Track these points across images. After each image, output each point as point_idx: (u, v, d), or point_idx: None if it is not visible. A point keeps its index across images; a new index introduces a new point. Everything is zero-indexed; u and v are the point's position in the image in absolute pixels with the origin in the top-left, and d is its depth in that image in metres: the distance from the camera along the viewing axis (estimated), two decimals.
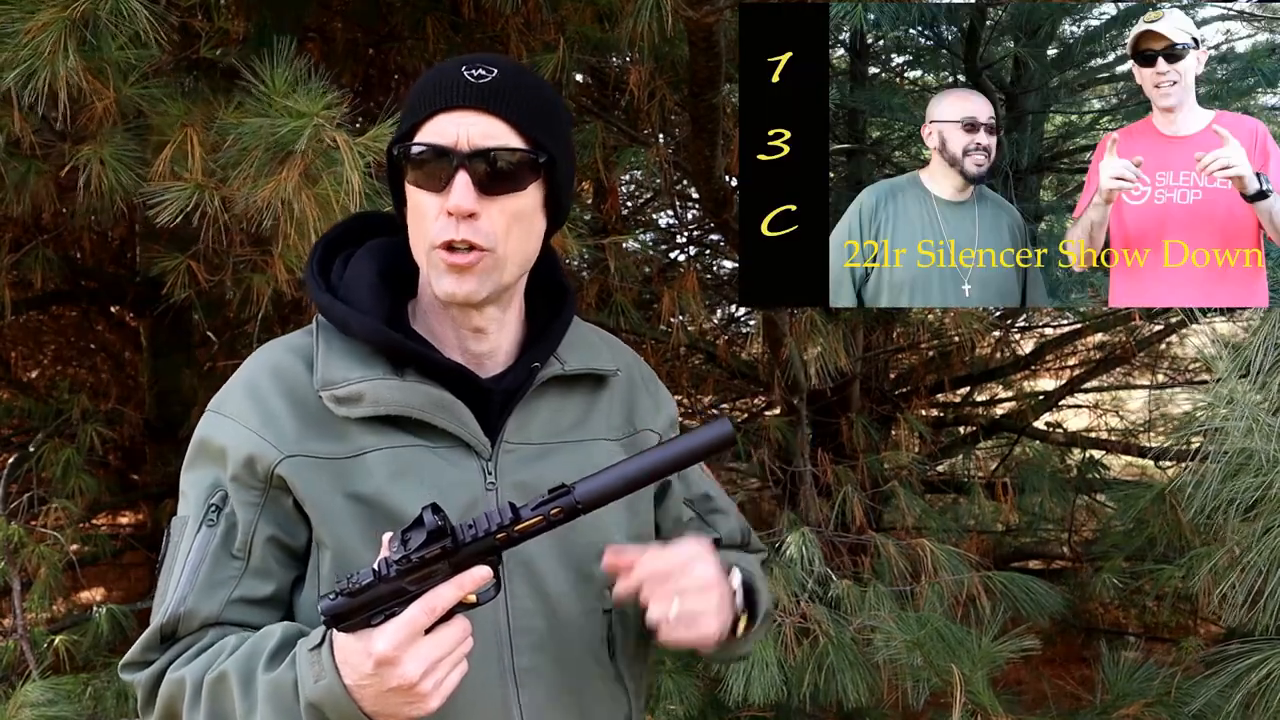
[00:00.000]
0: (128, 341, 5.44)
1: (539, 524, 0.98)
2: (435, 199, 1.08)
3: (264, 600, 1.10)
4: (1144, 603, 3.94)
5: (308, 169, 1.89)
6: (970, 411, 5.27)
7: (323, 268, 1.19)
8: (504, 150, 1.07)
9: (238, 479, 1.08)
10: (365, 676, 0.94)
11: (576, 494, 0.99)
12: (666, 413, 1.32)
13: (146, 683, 1.09)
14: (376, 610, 0.94)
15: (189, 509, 1.12)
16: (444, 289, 1.10)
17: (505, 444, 1.14)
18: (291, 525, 1.10)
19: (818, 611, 2.63)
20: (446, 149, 1.06)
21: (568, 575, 1.13)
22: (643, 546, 1.10)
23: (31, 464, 3.57)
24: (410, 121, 1.10)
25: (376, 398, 1.09)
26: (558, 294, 1.24)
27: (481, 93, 1.07)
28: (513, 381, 1.16)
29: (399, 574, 0.94)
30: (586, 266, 3.69)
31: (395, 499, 1.07)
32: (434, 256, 1.09)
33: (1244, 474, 1.72)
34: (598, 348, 1.26)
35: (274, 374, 1.12)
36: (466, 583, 0.96)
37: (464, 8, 2.89)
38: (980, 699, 2.29)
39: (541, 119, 1.11)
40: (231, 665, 1.02)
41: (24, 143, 2.20)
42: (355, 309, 1.13)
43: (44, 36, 1.80)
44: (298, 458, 1.07)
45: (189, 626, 1.08)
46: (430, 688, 0.95)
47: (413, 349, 1.11)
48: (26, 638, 2.84)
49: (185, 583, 1.08)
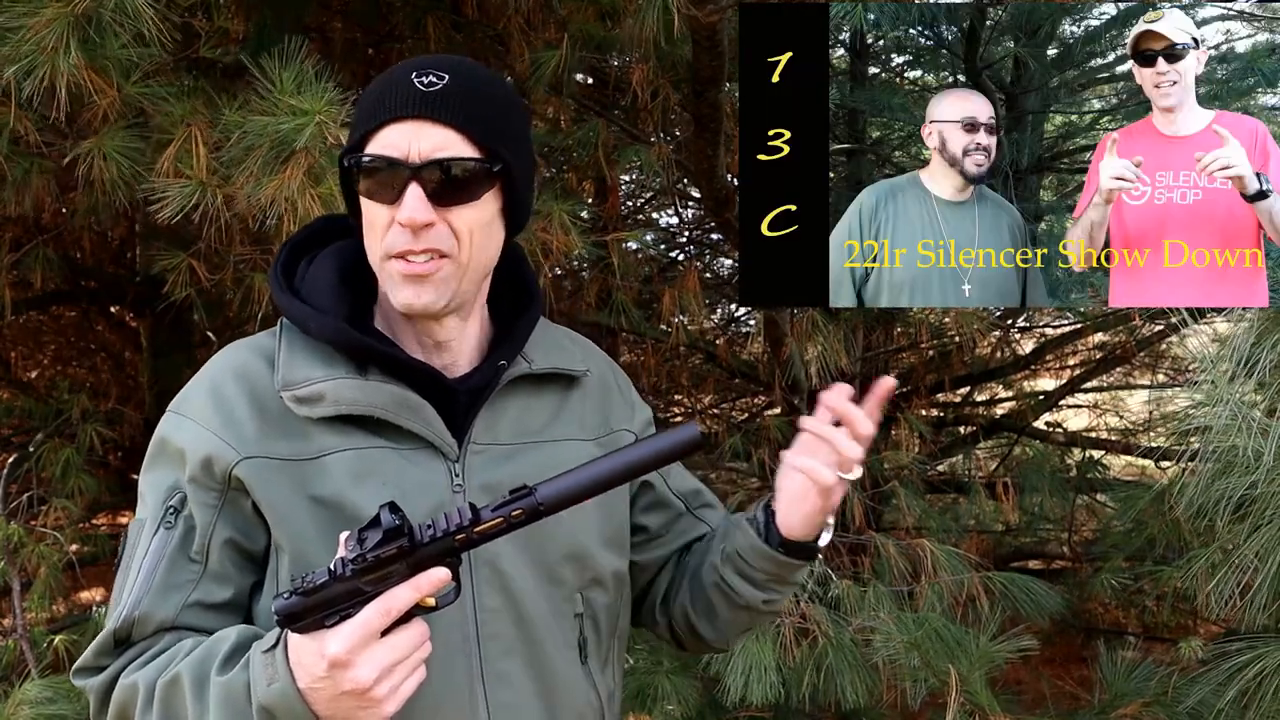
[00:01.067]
0: (128, 341, 5.44)
1: (499, 525, 0.96)
2: (387, 210, 1.06)
3: (221, 605, 1.08)
4: (1143, 602, 3.94)
5: (312, 168, 1.89)
6: (970, 411, 5.26)
7: (287, 269, 1.18)
8: (456, 160, 1.05)
9: (195, 480, 1.06)
10: (318, 679, 0.92)
11: (538, 495, 0.96)
12: (641, 416, 1.30)
13: (99, 689, 1.07)
14: (332, 611, 0.92)
15: (146, 511, 1.09)
16: (402, 300, 1.08)
17: (473, 444, 1.12)
18: (250, 528, 1.08)
19: (817, 612, 2.63)
20: (397, 160, 1.05)
21: (536, 578, 1.12)
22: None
23: (31, 464, 3.57)
24: (361, 131, 1.08)
25: (338, 397, 1.07)
26: (523, 293, 1.22)
27: (431, 101, 1.05)
28: (479, 380, 1.15)
29: (354, 573, 0.92)
30: (587, 266, 3.69)
31: (357, 501, 1.05)
32: (389, 267, 1.08)
33: (1232, 472, 1.73)
34: (567, 349, 1.25)
35: (236, 374, 1.11)
36: (424, 584, 0.93)
37: (465, 7, 2.89)
38: (978, 699, 2.29)
39: (495, 125, 1.08)
40: (185, 668, 1.00)
41: (24, 141, 2.21)
42: (315, 309, 1.11)
43: (47, 33, 1.80)
44: (256, 459, 1.05)
45: (143, 631, 1.06)
46: (385, 693, 0.93)
47: (375, 348, 1.09)
48: (26, 637, 2.84)
49: (140, 586, 1.05)
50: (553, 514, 0.98)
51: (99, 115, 2.10)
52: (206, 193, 2.02)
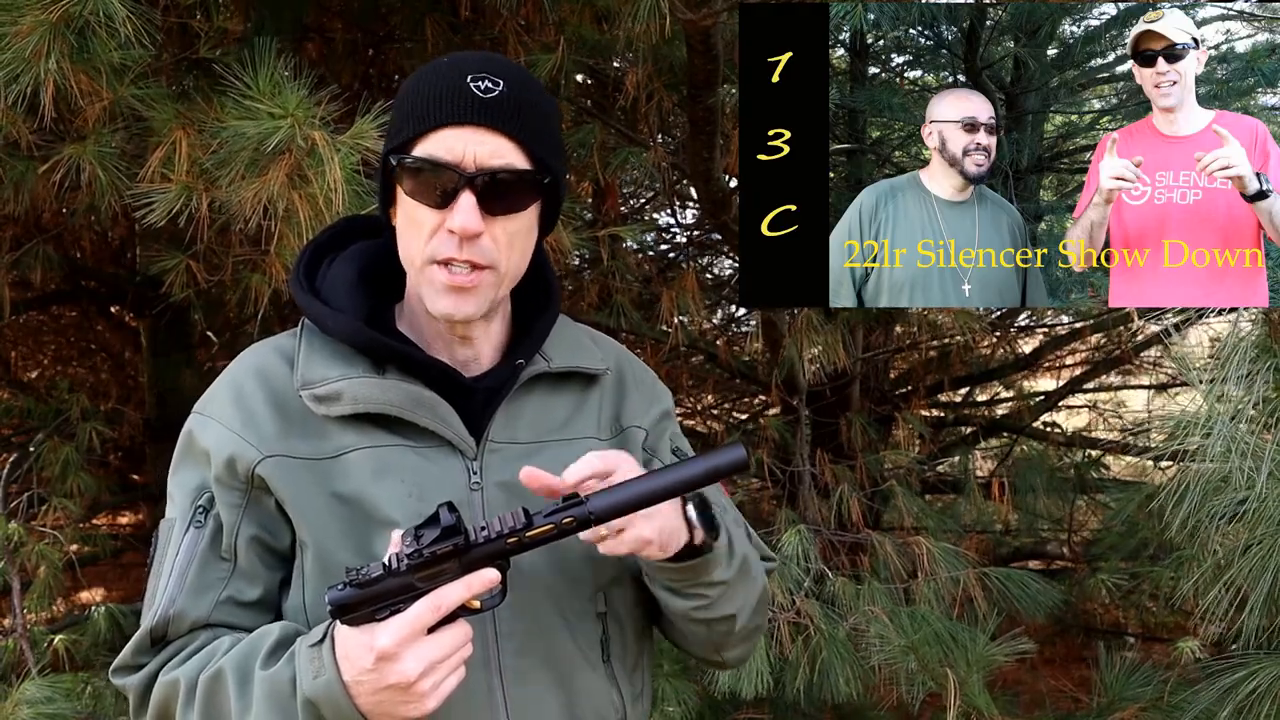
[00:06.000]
0: (128, 341, 5.45)
1: (550, 531, 0.97)
2: (433, 214, 1.06)
3: (253, 603, 1.09)
4: (1142, 602, 3.94)
5: (297, 168, 1.89)
6: (970, 411, 5.27)
7: (310, 270, 1.18)
8: (511, 171, 1.05)
9: (221, 481, 1.08)
10: (364, 671, 0.93)
11: (590, 506, 0.98)
12: (659, 408, 1.29)
13: (138, 687, 1.08)
14: (382, 605, 0.94)
15: (176, 511, 1.11)
16: (442, 309, 1.08)
17: (491, 443, 1.13)
18: (274, 526, 1.09)
19: (812, 608, 2.63)
20: (452, 166, 1.04)
21: (554, 576, 1.12)
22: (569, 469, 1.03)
23: (31, 464, 3.57)
24: (411, 131, 1.07)
25: (355, 396, 1.08)
26: (543, 291, 1.23)
27: (490, 110, 1.04)
28: (497, 379, 1.15)
29: (410, 569, 0.94)
30: (587, 266, 3.69)
31: (376, 498, 1.06)
32: (430, 273, 1.08)
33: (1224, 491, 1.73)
34: (586, 347, 1.25)
35: (258, 375, 1.12)
36: (475, 583, 0.95)
37: (462, 9, 2.89)
38: (975, 701, 2.29)
39: (546, 136, 1.09)
40: (228, 663, 1.01)
41: (22, 143, 2.20)
42: (334, 309, 1.12)
43: (29, 40, 1.81)
44: (278, 458, 1.06)
45: (179, 629, 1.07)
46: (428, 688, 0.94)
47: (392, 347, 1.10)
48: (26, 637, 2.84)
49: (174, 585, 1.07)
50: (602, 524, 0.99)
51: (92, 119, 2.10)
52: (192, 196, 2.02)
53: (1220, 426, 1.66)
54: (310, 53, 3.28)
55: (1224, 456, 1.66)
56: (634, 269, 3.76)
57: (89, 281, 4.67)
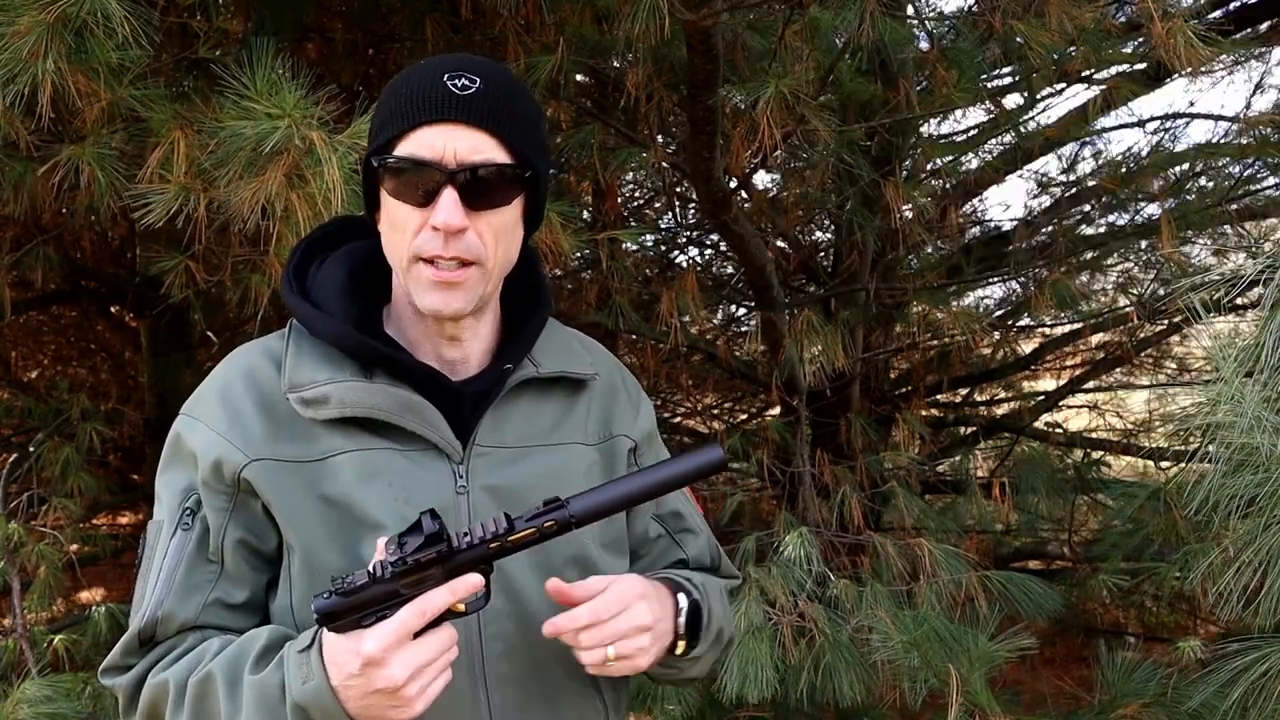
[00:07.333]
0: (128, 341, 5.46)
1: (532, 535, 0.98)
2: (416, 212, 1.06)
3: (240, 605, 1.09)
4: (1143, 602, 3.94)
5: (295, 168, 1.88)
6: (970, 412, 5.27)
7: (300, 270, 1.18)
8: (492, 166, 1.05)
9: (207, 484, 1.08)
10: (351, 677, 0.94)
11: (571, 509, 0.99)
12: (644, 421, 1.30)
13: (127, 687, 1.08)
14: (369, 611, 0.95)
15: (164, 512, 1.11)
16: (430, 305, 1.08)
17: (477, 447, 1.12)
18: (260, 529, 1.09)
19: (815, 611, 2.63)
20: (432, 163, 1.04)
21: (540, 581, 1.12)
22: (586, 582, 1.07)
23: (31, 464, 3.58)
24: (392, 131, 1.07)
25: (343, 399, 1.07)
26: (533, 293, 1.23)
27: (467, 105, 1.04)
28: (485, 384, 1.15)
29: (394, 576, 0.95)
30: (586, 267, 3.69)
31: (363, 501, 1.06)
32: (417, 270, 1.08)
33: (1245, 470, 1.72)
34: (576, 351, 1.24)
35: (245, 376, 1.11)
36: (459, 589, 0.96)
37: (462, 9, 2.89)
38: (978, 699, 2.28)
39: (526, 130, 1.09)
40: (217, 666, 1.02)
41: (21, 144, 2.21)
42: (323, 311, 1.12)
43: (26, 40, 1.81)
44: (264, 461, 1.06)
45: (167, 630, 1.07)
46: (415, 692, 0.95)
47: (380, 350, 1.10)
48: (26, 637, 2.84)
49: (162, 586, 1.07)
50: (583, 526, 1.00)
51: (91, 120, 2.10)
52: (190, 197, 2.02)
53: (1251, 402, 1.65)
54: (310, 53, 3.28)
55: (1249, 432, 1.65)
56: (633, 270, 3.75)
57: (89, 281, 4.68)
